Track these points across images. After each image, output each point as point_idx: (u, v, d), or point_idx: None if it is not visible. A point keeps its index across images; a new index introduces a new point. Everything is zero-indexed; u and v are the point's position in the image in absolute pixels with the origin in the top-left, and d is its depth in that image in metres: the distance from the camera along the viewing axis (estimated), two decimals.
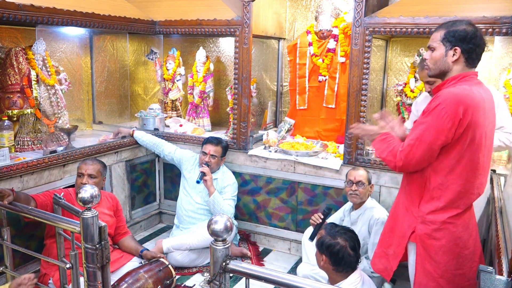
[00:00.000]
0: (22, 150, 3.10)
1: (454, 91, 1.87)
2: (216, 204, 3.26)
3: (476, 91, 1.88)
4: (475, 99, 1.86)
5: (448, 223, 1.95)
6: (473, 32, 1.91)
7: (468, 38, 1.90)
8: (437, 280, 2.00)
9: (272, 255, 3.59)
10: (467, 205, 1.96)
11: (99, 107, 4.15)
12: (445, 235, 1.96)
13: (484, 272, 1.46)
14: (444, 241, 1.97)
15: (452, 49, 1.92)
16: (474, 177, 1.93)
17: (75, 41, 3.88)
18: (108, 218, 2.89)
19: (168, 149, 3.68)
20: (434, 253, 1.99)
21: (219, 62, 4.42)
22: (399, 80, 3.80)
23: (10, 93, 3.03)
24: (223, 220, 1.47)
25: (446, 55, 1.94)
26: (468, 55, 1.92)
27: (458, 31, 1.91)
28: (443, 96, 1.87)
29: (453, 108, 1.82)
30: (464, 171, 1.91)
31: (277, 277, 1.44)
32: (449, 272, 1.99)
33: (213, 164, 3.37)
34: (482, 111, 1.89)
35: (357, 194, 2.88)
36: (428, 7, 2.90)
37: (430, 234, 1.98)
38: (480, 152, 1.91)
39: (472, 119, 1.85)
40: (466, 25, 1.93)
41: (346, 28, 3.69)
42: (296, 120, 3.99)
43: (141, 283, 2.60)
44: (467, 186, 1.93)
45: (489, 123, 1.95)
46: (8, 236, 2.28)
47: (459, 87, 1.90)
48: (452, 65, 1.94)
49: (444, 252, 1.98)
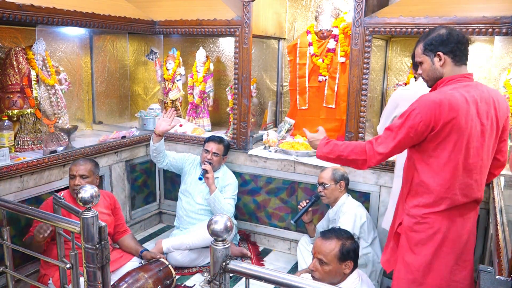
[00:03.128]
0: (22, 150, 3.10)
1: (431, 96, 1.92)
2: (217, 202, 3.27)
3: (458, 94, 1.90)
4: (454, 103, 1.88)
5: (427, 217, 2.01)
6: (448, 33, 1.99)
7: (445, 40, 1.99)
8: (414, 273, 2.05)
9: (272, 255, 3.59)
10: (449, 205, 1.98)
11: (99, 107, 4.15)
12: (423, 229, 2.02)
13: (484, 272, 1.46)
14: (423, 235, 2.02)
15: (436, 55, 2.01)
16: (455, 179, 1.95)
17: (75, 41, 3.88)
18: (106, 217, 2.89)
19: (171, 154, 3.60)
20: (414, 245, 2.05)
21: (219, 62, 4.42)
22: (399, 80, 3.80)
23: (10, 93, 3.03)
24: (223, 220, 1.47)
25: (433, 63, 2.02)
26: (453, 55, 1.99)
27: (434, 38, 2.01)
28: (420, 100, 1.93)
29: (428, 112, 1.88)
30: (446, 173, 1.94)
31: (277, 277, 1.44)
32: (424, 265, 2.03)
33: (215, 162, 3.37)
34: (466, 114, 1.89)
35: (323, 195, 3.00)
36: (428, 7, 2.90)
37: (412, 227, 2.05)
38: (465, 154, 1.93)
39: (453, 122, 1.87)
40: (439, 29, 2.03)
41: (346, 28, 3.69)
42: (296, 120, 3.99)
43: (141, 283, 2.60)
44: (448, 185, 1.96)
45: (478, 125, 1.94)
46: (8, 236, 2.28)
47: (440, 90, 1.96)
48: (442, 70, 2.02)
49: (422, 245, 2.03)
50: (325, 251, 2.22)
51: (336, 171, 3.02)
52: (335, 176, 2.99)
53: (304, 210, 3.11)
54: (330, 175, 2.99)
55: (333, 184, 2.97)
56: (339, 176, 3.00)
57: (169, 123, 3.35)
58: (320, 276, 2.22)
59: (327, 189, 2.98)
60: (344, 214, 2.90)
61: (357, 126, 3.19)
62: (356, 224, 2.85)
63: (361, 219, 2.89)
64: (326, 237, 2.27)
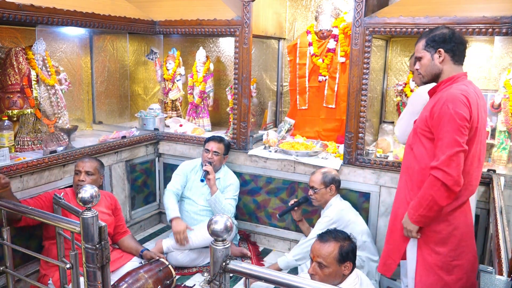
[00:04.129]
0: (22, 150, 3.10)
1: (455, 93, 1.99)
2: (218, 203, 3.27)
3: (471, 90, 2.03)
4: (473, 97, 2.00)
5: (449, 215, 2.06)
6: (451, 32, 2.09)
7: (447, 38, 2.08)
8: (437, 272, 2.09)
9: (272, 255, 3.59)
10: (467, 196, 2.08)
11: (99, 107, 4.15)
12: (445, 227, 2.07)
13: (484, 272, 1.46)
14: (444, 233, 2.08)
15: (437, 52, 2.10)
16: (473, 169, 2.07)
17: (75, 41, 3.88)
18: (106, 217, 2.89)
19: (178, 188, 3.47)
20: (434, 244, 2.10)
21: (219, 62, 4.42)
22: (399, 80, 3.80)
23: (10, 93, 3.03)
24: (223, 220, 1.47)
25: (433, 59, 2.12)
26: (452, 53, 2.09)
27: (437, 35, 2.10)
28: (449, 98, 1.98)
29: (462, 107, 1.95)
30: (466, 164, 2.01)
31: (277, 277, 1.44)
32: (447, 263, 2.08)
33: (216, 162, 3.37)
34: (480, 108, 2.04)
35: (313, 199, 3.03)
36: (428, 7, 2.90)
37: (430, 226, 2.09)
38: (479, 145, 2.06)
39: (473, 116, 1.99)
40: (442, 29, 2.12)
41: (346, 28, 3.69)
42: (296, 120, 3.99)
43: (141, 283, 2.60)
44: (468, 178, 2.04)
45: (483, 118, 2.08)
46: (8, 236, 2.28)
47: (456, 87, 2.03)
48: (441, 66, 2.11)
49: (443, 242, 2.08)
50: (324, 254, 2.21)
51: (326, 175, 3.02)
52: (325, 180, 2.99)
53: (290, 208, 3.21)
54: (320, 178, 3.00)
55: (323, 188, 2.99)
56: (329, 180, 3.00)
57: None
58: (320, 279, 2.21)
59: (317, 193, 3.00)
60: (324, 217, 2.97)
61: (357, 126, 3.19)
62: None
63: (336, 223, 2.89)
64: (324, 240, 2.26)
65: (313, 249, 2.27)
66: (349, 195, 3.22)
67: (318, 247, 2.25)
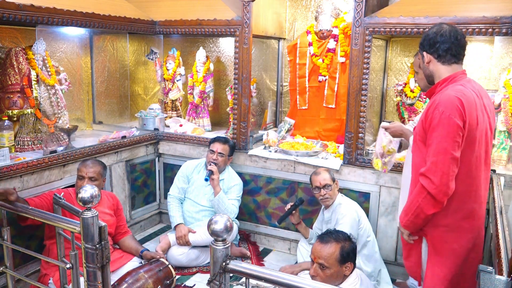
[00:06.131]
0: (22, 150, 3.10)
1: (450, 95, 1.92)
2: (221, 204, 3.28)
3: (469, 89, 1.95)
4: (470, 98, 1.92)
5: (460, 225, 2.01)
6: (433, 33, 2.04)
7: (431, 39, 2.04)
8: (444, 283, 2.05)
9: (272, 255, 3.59)
10: (473, 207, 2.01)
11: (99, 107, 4.15)
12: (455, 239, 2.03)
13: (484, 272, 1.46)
14: (455, 245, 2.02)
15: (423, 55, 2.10)
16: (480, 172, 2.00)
17: (75, 41, 3.88)
18: (108, 218, 2.89)
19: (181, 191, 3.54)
20: (444, 255, 2.05)
21: (219, 62, 4.42)
22: (399, 80, 3.80)
23: (10, 93, 3.03)
24: (223, 220, 1.47)
25: (423, 62, 2.11)
26: (437, 54, 2.03)
27: (423, 37, 2.09)
28: (442, 102, 1.91)
29: (455, 111, 1.87)
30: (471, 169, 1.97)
31: (277, 277, 1.44)
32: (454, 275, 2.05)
33: (221, 163, 3.37)
34: (479, 108, 1.95)
35: (327, 197, 2.97)
36: (428, 7, 2.90)
37: (442, 236, 2.04)
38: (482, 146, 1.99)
39: (469, 119, 1.90)
40: (431, 29, 2.07)
41: (346, 28, 3.69)
42: (296, 120, 3.99)
43: (141, 283, 2.60)
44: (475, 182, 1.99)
45: (484, 118, 2.00)
46: (8, 236, 2.28)
47: (452, 88, 1.95)
48: (429, 68, 2.08)
49: (454, 254, 2.03)
50: (326, 255, 2.20)
51: (331, 170, 3.06)
52: (332, 175, 3.01)
53: (287, 214, 3.16)
54: (329, 176, 2.98)
55: (333, 183, 2.98)
56: (333, 175, 3.03)
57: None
58: (322, 280, 2.20)
59: (331, 190, 2.95)
60: (344, 216, 2.87)
61: (357, 126, 3.19)
62: (353, 227, 2.84)
63: (359, 221, 2.91)
64: (325, 241, 2.25)
65: (314, 251, 2.26)
66: (349, 195, 3.22)
67: (319, 248, 2.24)
